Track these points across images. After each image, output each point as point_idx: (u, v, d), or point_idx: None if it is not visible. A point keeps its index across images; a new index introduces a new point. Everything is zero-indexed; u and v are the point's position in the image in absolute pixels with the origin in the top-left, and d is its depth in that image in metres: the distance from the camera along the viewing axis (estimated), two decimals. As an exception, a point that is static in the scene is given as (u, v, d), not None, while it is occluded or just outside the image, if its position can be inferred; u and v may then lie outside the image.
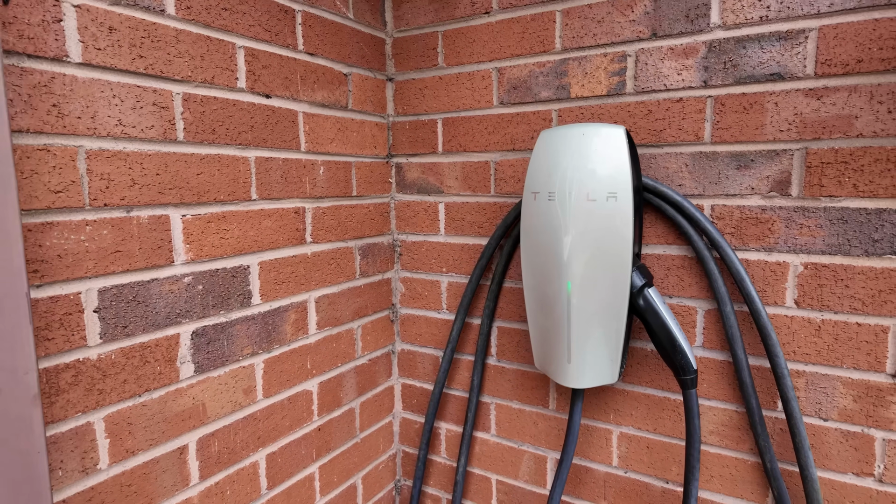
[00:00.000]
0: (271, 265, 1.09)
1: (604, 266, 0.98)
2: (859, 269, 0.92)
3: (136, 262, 0.85)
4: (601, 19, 1.09)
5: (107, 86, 0.80)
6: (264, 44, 1.04)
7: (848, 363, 0.94)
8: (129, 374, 0.86)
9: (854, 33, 0.89)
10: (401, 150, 1.39)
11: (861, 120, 0.89)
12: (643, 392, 1.14)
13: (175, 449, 0.93)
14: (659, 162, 1.07)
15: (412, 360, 1.46)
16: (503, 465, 1.34)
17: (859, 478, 0.96)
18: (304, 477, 1.21)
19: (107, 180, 0.81)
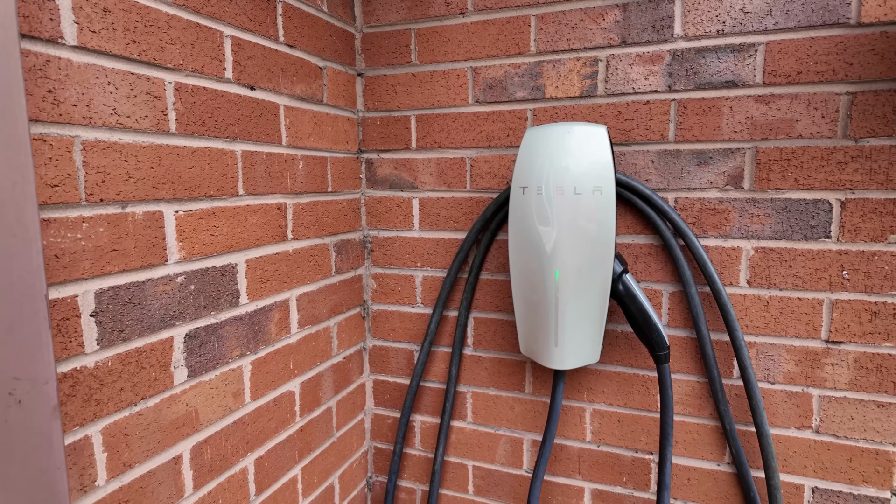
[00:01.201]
0: (257, 263, 1.05)
1: (589, 255, 1.05)
2: (799, 251, 1.07)
3: (132, 262, 0.80)
4: (574, 25, 1.17)
5: (101, 72, 0.74)
6: (249, 33, 1.01)
7: (791, 333, 1.10)
8: (126, 382, 0.80)
9: (794, 49, 1.03)
10: (371, 145, 1.39)
11: (800, 123, 1.04)
12: (614, 370, 1.24)
13: (170, 459, 0.88)
14: (628, 159, 1.17)
15: (384, 356, 1.47)
16: (480, 451, 1.39)
17: (800, 430, 1.12)
18: (288, 480, 1.18)
19: (103, 173, 0.75)
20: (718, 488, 1.18)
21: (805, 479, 1.12)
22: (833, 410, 1.09)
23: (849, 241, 1.04)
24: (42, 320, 0.58)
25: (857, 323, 1.05)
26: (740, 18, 1.06)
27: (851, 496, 1.10)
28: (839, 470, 1.10)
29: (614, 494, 1.27)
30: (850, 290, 1.05)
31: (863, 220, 1.03)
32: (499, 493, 1.38)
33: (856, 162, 1.02)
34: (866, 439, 1.08)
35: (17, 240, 0.55)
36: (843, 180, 1.03)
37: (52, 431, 0.60)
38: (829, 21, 1.01)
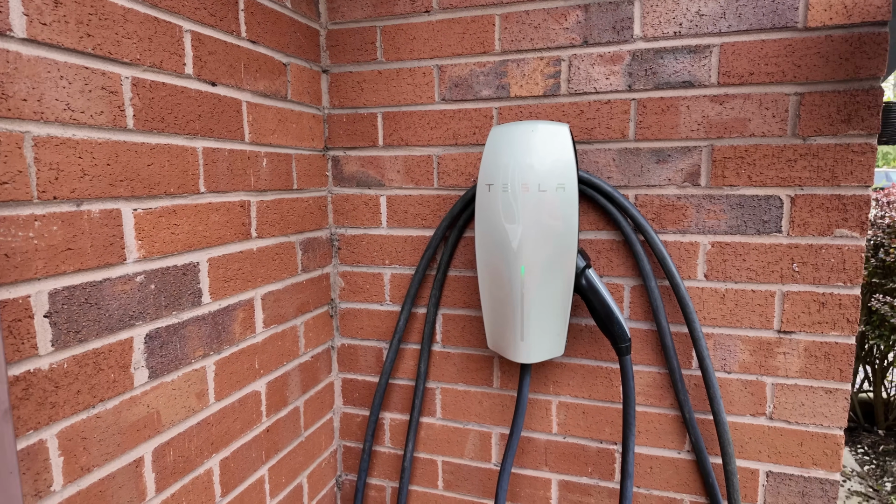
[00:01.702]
0: (220, 261, 1.04)
1: (553, 250, 1.07)
2: (753, 245, 1.12)
3: (88, 261, 0.78)
4: (538, 25, 1.19)
5: (53, 66, 0.72)
6: (209, 28, 0.99)
7: (745, 324, 1.14)
8: (83, 384, 0.78)
9: (747, 51, 1.07)
10: (338, 143, 1.39)
11: (753, 122, 1.09)
12: (579, 363, 1.27)
13: (131, 462, 0.86)
14: (591, 157, 1.20)
15: (353, 355, 1.46)
16: (449, 446, 1.40)
17: (755, 417, 1.16)
18: (255, 480, 1.16)
19: (56, 170, 0.73)
20: (679, 476, 1.22)
21: (760, 464, 1.17)
22: (785, 397, 1.14)
23: (798, 235, 1.09)
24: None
25: (807, 313, 1.10)
26: (696, 21, 1.09)
27: (802, 478, 1.15)
28: (791, 454, 1.15)
29: (580, 485, 1.30)
30: (799, 282, 1.10)
31: (811, 216, 1.08)
32: (468, 487, 1.40)
33: (804, 160, 1.07)
34: (816, 424, 1.13)
35: (-37, 238, 0.54)
36: (792, 177, 1.08)
37: (2, 435, 0.58)
38: (779, 25, 1.05)
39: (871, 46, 1.01)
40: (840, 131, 1.04)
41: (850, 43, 1.02)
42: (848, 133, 1.04)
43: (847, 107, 1.04)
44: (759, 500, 1.18)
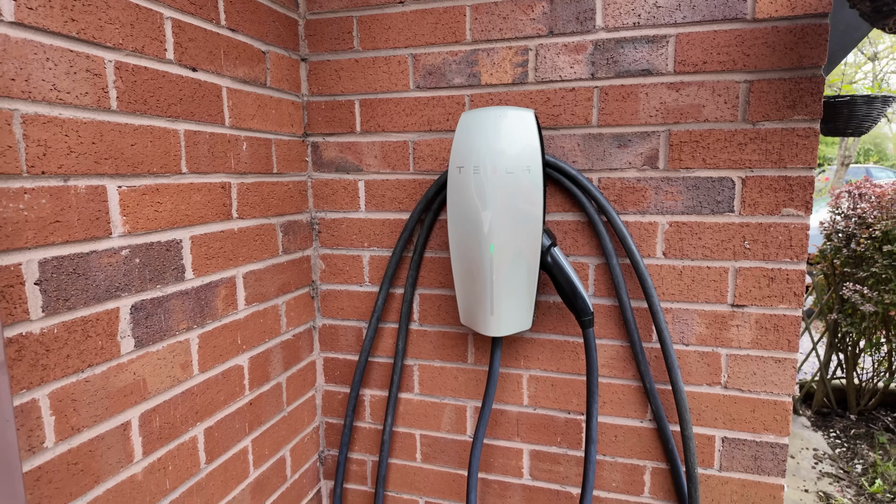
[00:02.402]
0: (202, 240, 1.09)
1: (520, 230, 1.14)
2: (708, 224, 1.19)
3: (76, 234, 0.83)
4: (506, 16, 1.25)
5: (40, 48, 0.77)
6: (190, 16, 1.04)
7: (701, 298, 1.21)
8: (72, 349, 0.83)
9: (700, 40, 1.14)
10: (317, 129, 1.44)
11: (707, 108, 1.16)
12: (547, 338, 1.34)
13: (119, 425, 0.91)
14: (556, 142, 1.26)
15: (334, 334, 1.52)
16: (426, 420, 1.46)
17: (711, 387, 1.24)
18: (238, 450, 1.22)
19: (44, 147, 0.78)
20: (641, 443, 1.30)
21: (716, 430, 1.25)
22: (738, 367, 1.21)
23: (749, 214, 1.16)
24: (-14, 281, 0.62)
25: (758, 288, 1.18)
26: (653, 12, 1.16)
27: (755, 443, 1.23)
28: (744, 420, 1.23)
29: (550, 454, 1.37)
30: (751, 259, 1.18)
31: (760, 196, 1.15)
32: (445, 458, 1.46)
33: (753, 143, 1.14)
34: (766, 392, 1.20)
35: (-40, 203, 0.59)
36: (743, 160, 1.15)
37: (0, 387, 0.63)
38: (729, 16, 1.12)
39: (813, 37, 1.08)
40: (786, 116, 1.12)
41: (794, 33, 1.09)
42: (793, 118, 1.11)
43: (792, 93, 1.11)
44: (716, 464, 1.26)
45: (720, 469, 1.25)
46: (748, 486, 1.24)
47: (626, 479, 1.32)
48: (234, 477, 1.21)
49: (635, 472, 1.31)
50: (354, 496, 1.56)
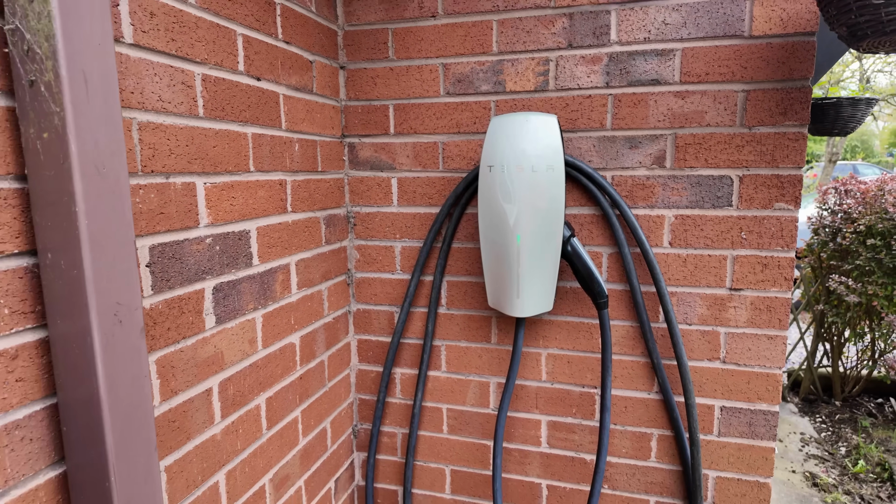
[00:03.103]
0: (265, 230, 1.23)
1: (544, 222, 1.28)
2: (709, 217, 1.34)
3: (174, 224, 0.96)
4: (529, 30, 1.39)
5: (150, 65, 0.90)
6: (255, 31, 1.17)
7: (703, 283, 1.37)
8: (172, 323, 0.97)
9: (704, 54, 1.29)
10: (353, 130, 1.57)
11: (709, 114, 1.31)
12: (564, 320, 1.49)
13: (204, 391, 1.05)
14: (574, 143, 1.41)
15: (367, 318, 1.66)
16: (452, 395, 1.61)
17: (711, 361, 1.39)
18: (291, 420, 1.36)
19: (153, 149, 0.91)
20: (648, 413, 1.45)
21: (715, 401, 1.40)
22: (735, 344, 1.37)
23: (745, 208, 1.32)
24: (132, 260, 0.75)
25: (753, 273, 1.34)
26: (662, 28, 1.31)
27: (749, 411, 1.38)
28: (740, 391, 1.38)
29: (566, 424, 1.52)
30: (746, 248, 1.33)
31: (756, 192, 1.31)
32: (469, 430, 1.61)
33: (750, 145, 1.29)
34: (760, 365, 1.36)
35: (116, 199, 0.72)
36: (740, 160, 1.30)
37: (140, 347, 0.77)
38: (729, 33, 1.27)
39: (802, 52, 1.23)
40: (778, 122, 1.27)
41: (785, 49, 1.24)
42: (784, 123, 1.27)
43: (784, 102, 1.26)
44: (715, 430, 1.41)
45: (719, 435, 1.41)
46: (743, 450, 1.40)
47: (635, 445, 1.47)
48: (288, 443, 1.35)
49: (643, 439, 1.46)
50: (385, 466, 1.71)
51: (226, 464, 1.12)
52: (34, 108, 0.66)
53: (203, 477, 1.06)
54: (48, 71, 0.65)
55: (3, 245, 0.69)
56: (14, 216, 0.70)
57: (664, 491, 1.47)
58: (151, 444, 0.80)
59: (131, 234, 0.75)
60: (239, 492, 1.17)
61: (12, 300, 0.70)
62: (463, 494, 1.64)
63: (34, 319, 0.73)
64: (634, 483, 1.48)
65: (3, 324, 0.69)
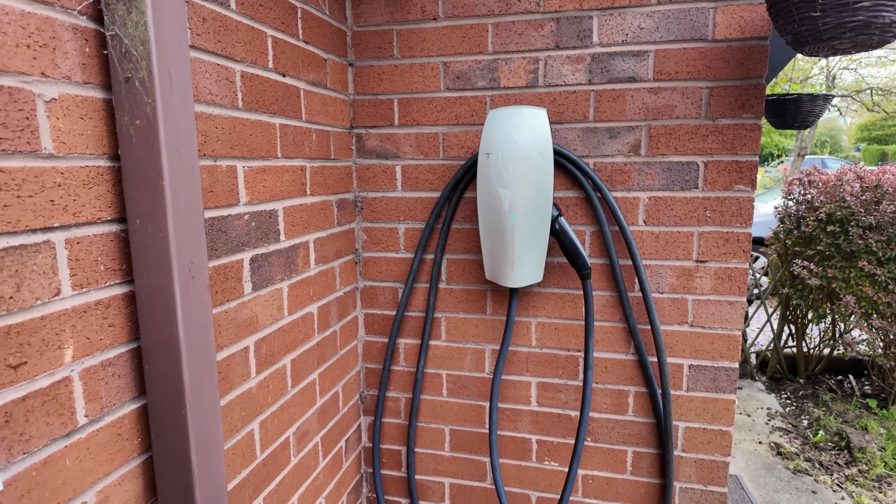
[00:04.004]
0: (290, 210, 1.38)
1: (535, 203, 1.46)
2: (678, 198, 1.53)
3: (220, 201, 1.11)
4: (521, 32, 1.56)
5: (202, 63, 1.05)
6: (281, 33, 1.32)
7: (673, 256, 1.56)
8: (219, 287, 1.12)
9: (673, 55, 1.48)
10: (361, 122, 1.73)
11: (678, 108, 1.49)
12: (552, 291, 1.67)
13: (242, 348, 1.21)
14: (561, 134, 1.59)
15: (373, 294, 1.82)
16: (451, 362, 1.79)
17: (680, 325, 1.59)
18: (310, 381, 1.52)
19: (205, 136, 1.06)
20: (626, 372, 1.64)
21: (684, 360, 1.60)
22: (701, 309, 1.57)
23: (709, 190, 1.51)
24: (201, 227, 0.90)
25: (716, 247, 1.53)
26: (638, 32, 1.49)
27: (713, 368, 1.59)
28: (706, 351, 1.58)
29: (553, 384, 1.71)
30: (711, 224, 1.53)
31: (718, 176, 1.50)
32: (467, 393, 1.79)
33: (713, 135, 1.49)
34: (722, 328, 1.56)
35: (191, 176, 0.87)
36: (705, 148, 1.50)
37: (207, 300, 0.92)
38: (696, 37, 1.46)
39: (757, 54, 1.43)
40: (737, 114, 1.46)
41: (743, 51, 1.44)
42: (742, 116, 1.46)
43: (742, 97, 1.45)
44: (684, 386, 1.61)
45: (687, 390, 1.61)
46: (708, 402, 1.60)
47: (614, 401, 1.66)
48: (308, 402, 1.51)
49: (621, 395, 1.66)
50: (390, 428, 1.87)
51: (259, 414, 1.28)
52: (129, 100, 0.81)
53: (242, 424, 1.21)
54: (143, 69, 0.79)
55: (100, 213, 0.84)
56: (108, 189, 0.85)
57: (640, 441, 1.66)
58: (215, 384, 0.96)
59: (200, 206, 0.90)
60: (269, 440, 1.33)
61: (106, 259, 0.85)
62: (461, 451, 1.82)
63: (121, 276, 0.88)
64: (614, 435, 1.68)
65: (99, 278, 0.84)
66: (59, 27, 0.76)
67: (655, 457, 1.66)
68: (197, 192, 0.89)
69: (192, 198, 0.88)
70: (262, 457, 1.30)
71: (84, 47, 0.80)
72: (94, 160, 0.82)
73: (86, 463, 0.83)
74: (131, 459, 0.91)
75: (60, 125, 0.77)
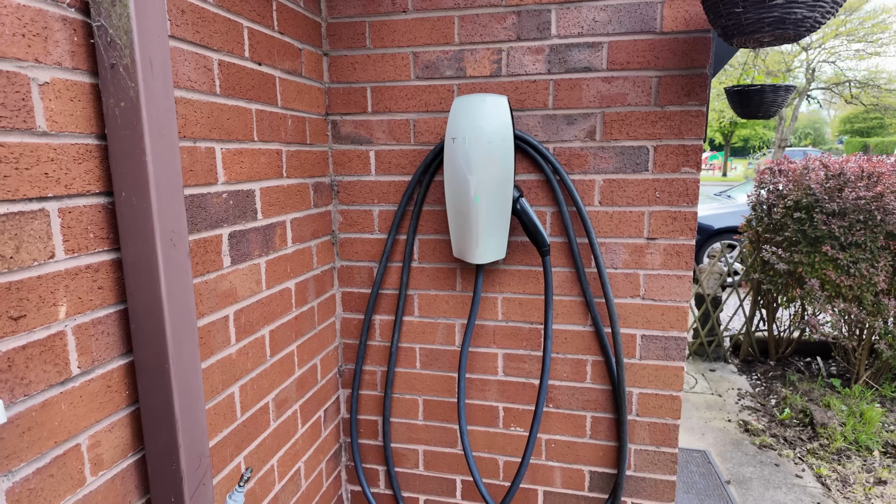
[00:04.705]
0: (266, 191, 1.48)
1: (497, 185, 1.57)
2: (630, 180, 1.65)
3: (200, 179, 1.21)
4: (485, 25, 1.66)
5: (181, 52, 1.14)
6: (257, 24, 1.41)
7: (626, 234, 1.68)
8: (199, 259, 1.22)
9: (625, 47, 1.59)
10: (336, 109, 1.82)
11: (629, 96, 1.61)
12: (516, 268, 1.78)
13: (222, 317, 1.31)
14: (523, 120, 1.70)
15: (350, 273, 1.93)
16: (424, 336, 1.90)
17: (633, 298, 1.71)
18: (289, 352, 1.62)
19: (185, 119, 1.16)
20: (584, 342, 1.77)
21: (637, 330, 1.73)
22: (652, 283, 1.69)
23: (659, 172, 1.63)
24: (181, 200, 1.00)
25: (665, 225, 1.65)
26: (593, 25, 1.60)
27: (664, 338, 1.71)
28: (656, 322, 1.71)
29: (517, 355, 1.83)
30: (660, 204, 1.65)
31: (666, 159, 1.62)
32: (438, 365, 1.90)
33: (662, 121, 1.60)
34: (671, 300, 1.69)
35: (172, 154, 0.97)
36: (654, 133, 1.61)
37: (187, 267, 1.02)
38: (645, 29, 1.57)
39: (701, 46, 1.54)
40: (684, 102, 1.58)
41: (688, 43, 1.55)
42: (688, 103, 1.58)
43: (687, 86, 1.57)
44: (637, 354, 1.74)
45: (640, 358, 1.74)
46: (659, 369, 1.73)
47: (573, 370, 1.79)
48: (286, 371, 1.61)
49: (580, 364, 1.78)
50: (367, 399, 1.99)
51: (239, 379, 1.38)
52: (114, 84, 0.91)
53: (223, 386, 1.32)
54: (126, 57, 0.89)
55: (89, 186, 0.94)
56: (96, 165, 0.95)
57: (598, 407, 1.79)
58: (195, 343, 1.06)
59: (181, 181, 1.00)
60: (249, 404, 1.43)
61: (95, 227, 0.95)
62: (434, 420, 1.94)
63: (109, 244, 0.98)
64: (574, 401, 1.81)
65: (89, 244, 0.94)
66: (50, 18, 0.86)
67: (612, 421, 1.78)
68: (177, 169, 0.99)
69: (173, 173, 0.98)
70: (243, 418, 1.40)
71: (73, 36, 0.89)
72: (84, 138, 0.92)
73: (79, 409, 0.93)
74: (120, 410, 1.02)
75: (53, 106, 0.86)
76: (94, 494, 0.96)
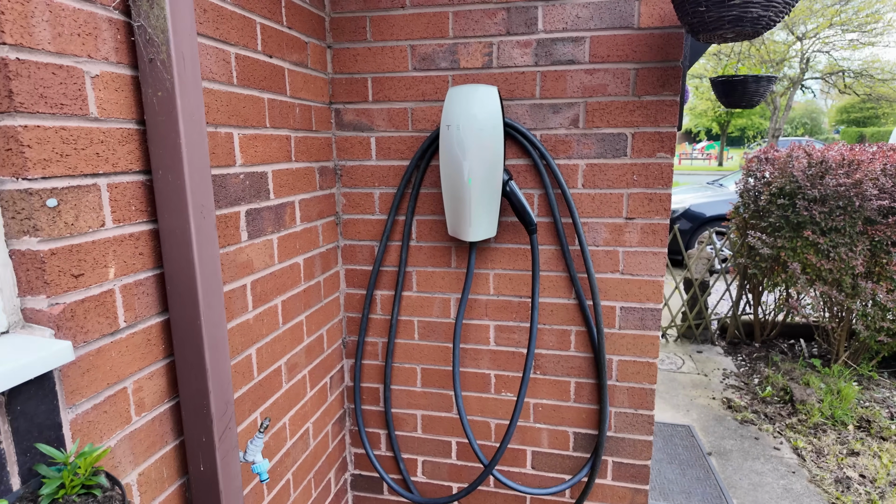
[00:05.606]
0: (277, 174, 1.62)
1: (489, 168, 1.72)
2: (611, 165, 1.80)
3: (221, 161, 1.36)
4: (477, 20, 1.80)
5: (204, 47, 1.28)
6: (268, 20, 1.55)
7: (607, 214, 1.83)
8: (221, 233, 1.37)
9: (606, 41, 1.73)
10: (339, 98, 1.96)
11: (610, 87, 1.75)
12: (506, 247, 1.93)
13: (241, 286, 1.46)
14: (512, 109, 1.84)
15: (352, 251, 2.07)
16: (422, 310, 2.05)
17: (613, 273, 1.87)
18: (298, 321, 1.78)
19: (208, 107, 1.30)
20: (568, 314, 1.93)
21: (616, 303, 1.88)
22: (630, 260, 1.85)
23: (636, 157, 1.78)
24: (209, 179, 1.15)
25: (642, 206, 1.80)
26: (576, 21, 1.74)
27: (641, 309, 1.87)
28: (634, 295, 1.87)
29: (508, 326, 1.98)
30: (638, 187, 1.80)
31: (644, 145, 1.77)
32: (435, 336, 2.06)
33: (639, 110, 1.75)
34: (647, 275, 1.84)
35: (200, 137, 1.11)
36: (632, 121, 1.76)
37: (214, 236, 1.17)
38: (624, 25, 1.71)
39: (675, 40, 1.69)
40: (659, 92, 1.73)
41: (663, 38, 1.69)
42: (663, 94, 1.73)
43: (662, 77, 1.72)
44: (616, 325, 1.90)
45: (619, 328, 1.89)
46: (637, 339, 1.89)
47: (558, 339, 1.95)
48: (296, 338, 1.77)
49: (564, 334, 1.94)
50: (369, 368, 2.15)
51: (256, 342, 1.54)
52: (152, 76, 1.05)
53: (242, 348, 1.47)
54: (163, 52, 1.03)
55: (131, 165, 1.08)
56: (136, 146, 1.09)
57: (581, 373, 1.95)
58: (222, 304, 1.21)
59: (208, 161, 1.15)
60: (264, 365, 1.59)
61: (136, 201, 1.10)
62: (431, 387, 2.10)
63: (148, 216, 1.12)
64: (559, 369, 1.97)
65: (132, 216, 1.09)
66: (98, 19, 1.00)
67: (594, 386, 1.95)
68: (205, 150, 1.13)
69: (202, 154, 1.12)
70: (259, 378, 1.56)
71: (117, 35, 1.03)
72: (126, 123, 1.06)
73: (126, 357, 1.08)
74: (158, 361, 1.17)
75: (102, 95, 1.01)
76: (139, 432, 1.12)
